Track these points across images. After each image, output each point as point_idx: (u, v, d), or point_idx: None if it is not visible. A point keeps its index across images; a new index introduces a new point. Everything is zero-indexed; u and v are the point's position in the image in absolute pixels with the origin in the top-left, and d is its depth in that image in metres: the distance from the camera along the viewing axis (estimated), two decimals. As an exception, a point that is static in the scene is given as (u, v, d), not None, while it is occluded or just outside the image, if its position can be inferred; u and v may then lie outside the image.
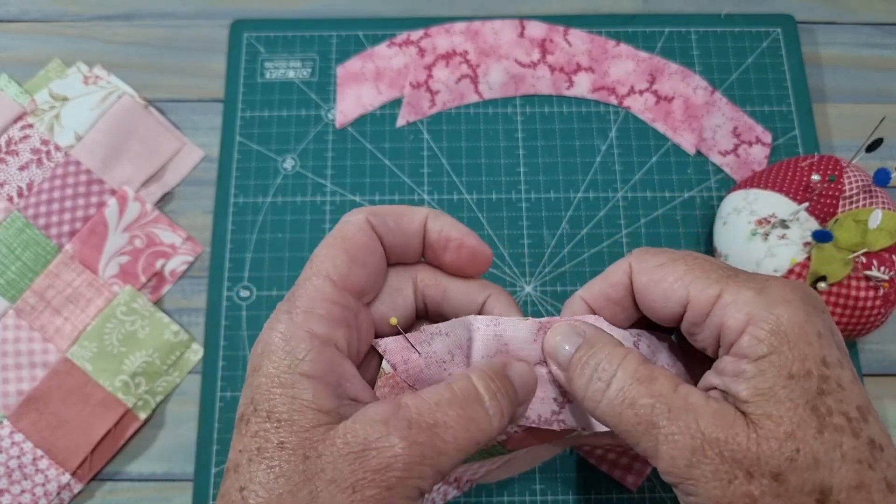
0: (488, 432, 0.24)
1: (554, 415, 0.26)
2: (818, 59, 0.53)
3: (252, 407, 0.24)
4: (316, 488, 0.22)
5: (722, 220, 0.44)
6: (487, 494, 0.42)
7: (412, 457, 0.22)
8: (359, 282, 0.26)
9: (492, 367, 0.26)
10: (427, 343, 0.27)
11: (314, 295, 0.25)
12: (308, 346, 0.24)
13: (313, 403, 0.24)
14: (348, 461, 0.22)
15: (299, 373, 0.24)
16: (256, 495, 0.23)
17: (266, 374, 0.24)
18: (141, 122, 0.49)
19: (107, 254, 0.46)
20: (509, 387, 0.25)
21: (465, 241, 0.28)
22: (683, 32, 0.53)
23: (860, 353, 0.45)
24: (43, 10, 0.53)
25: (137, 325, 0.45)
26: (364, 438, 0.23)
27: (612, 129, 0.50)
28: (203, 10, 0.53)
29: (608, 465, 0.42)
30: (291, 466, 0.23)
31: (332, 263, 0.26)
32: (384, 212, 0.27)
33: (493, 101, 0.51)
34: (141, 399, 0.44)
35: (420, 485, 0.23)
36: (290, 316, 0.25)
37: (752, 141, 0.50)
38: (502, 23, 0.52)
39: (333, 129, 0.50)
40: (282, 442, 0.23)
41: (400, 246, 0.28)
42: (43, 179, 0.47)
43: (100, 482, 0.43)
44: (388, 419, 0.23)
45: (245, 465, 0.23)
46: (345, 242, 0.26)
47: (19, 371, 0.44)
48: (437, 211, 0.28)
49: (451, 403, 0.24)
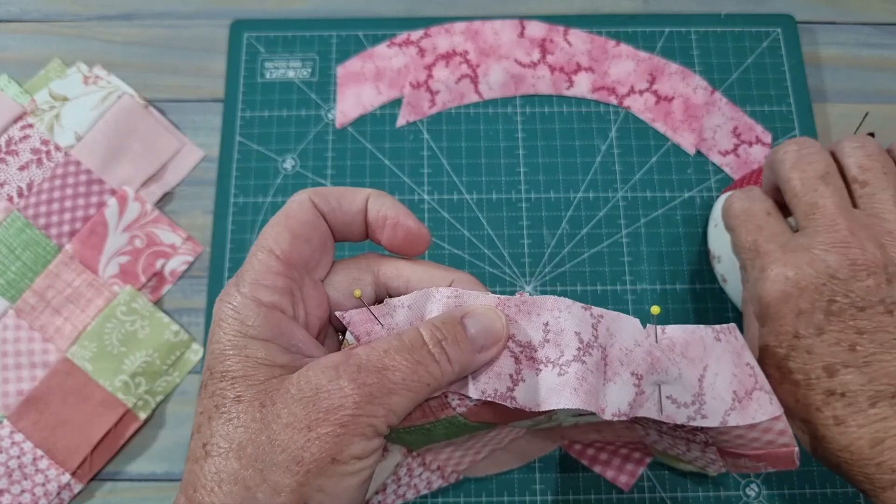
0: (437, 377, 0.25)
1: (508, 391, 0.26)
2: (818, 59, 0.53)
3: (209, 372, 0.26)
4: (273, 432, 0.24)
5: (713, 221, 0.44)
6: (488, 494, 0.42)
7: (362, 396, 0.24)
8: (302, 256, 0.28)
9: (445, 315, 0.27)
10: (390, 315, 0.28)
11: (259, 268, 0.27)
12: (256, 313, 0.26)
13: (266, 360, 0.25)
14: (302, 404, 0.24)
15: (249, 336, 0.25)
16: (218, 447, 0.24)
17: (218, 341, 0.26)
18: (141, 122, 0.49)
19: (107, 254, 0.46)
20: (459, 334, 0.26)
21: (401, 220, 0.29)
22: (683, 32, 0.53)
23: (860, 353, 0.45)
24: (43, 10, 0.53)
25: (137, 325, 0.45)
26: (316, 384, 0.24)
27: (612, 129, 0.50)
28: (203, 9, 0.53)
29: (601, 465, 0.42)
30: (249, 416, 0.24)
31: (276, 239, 0.27)
32: (327, 191, 0.29)
33: (493, 101, 0.51)
34: (141, 399, 0.44)
35: (373, 422, 0.24)
36: (238, 288, 0.26)
37: (753, 141, 0.50)
38: (502, 23, 0.52)
39: (333, 129, 0.50)
40: (238, 395, 0.24)
41: (343, 224, 0.29)
42: (43, 179, 0.47)
43: (100, 482, 0.43)
44: (339, 365, 0.24)
45: (206, 423, 0.25)
46: (287, 220, 0.28)
47: (19, 371, 0.44)
48: (379, 192, 0.30)
49: (398, 350, 0.25)
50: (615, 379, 0.27)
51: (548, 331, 0.27)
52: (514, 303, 0.27)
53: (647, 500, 0.42)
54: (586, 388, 0.26)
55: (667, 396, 0.27)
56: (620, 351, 0.27)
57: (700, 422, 0.27)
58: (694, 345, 0.28)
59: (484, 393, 0.26)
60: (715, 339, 0.28)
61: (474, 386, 0.26)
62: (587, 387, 0.26)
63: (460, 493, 0.42)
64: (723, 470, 0.35)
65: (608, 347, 0.27)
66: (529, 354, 0.27)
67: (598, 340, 0.27)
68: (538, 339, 0.27)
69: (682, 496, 0.42)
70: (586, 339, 0.26)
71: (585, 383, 0.26)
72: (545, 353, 0.27)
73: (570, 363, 0.26)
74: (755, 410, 0.27)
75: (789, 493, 0.42)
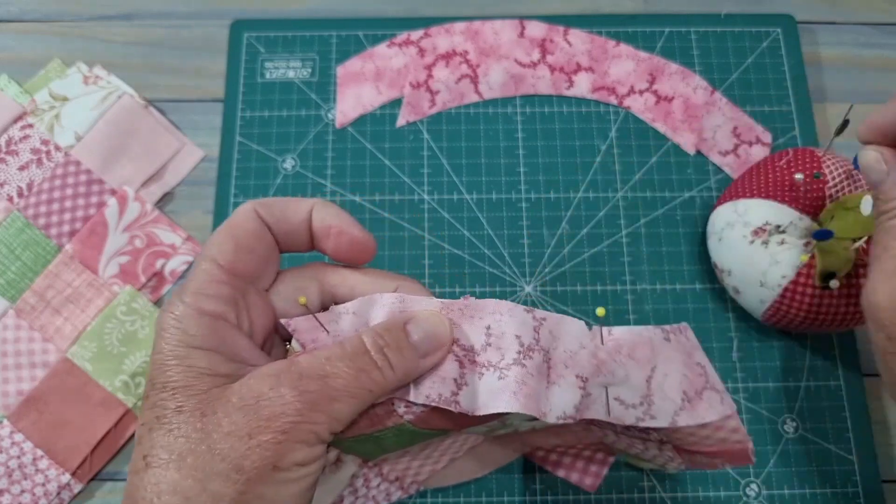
0: (380, 383, 0.25)
1: (452, 395, 0.26)
2: (818, 59, 0.53)
3: (150, 384, 0.25)
4: (213, 441, 0.23)
5: (716, 236, 0.44)
6: (488, 494, 0.42)
7: (304, 404, 0.24)
8: (246, 266, 0.28)
9: (389, 322, 0.27)
10: (335, 322, 0.28)
11: (203, 278, 0.27)
12: (198, 322, 0.26)
13: (208, 370, 0.25)
14: (243, 413, 0.24)
15: (192, 346, 0.25)
16: (158, 458, 0.24)
17: (160, 351, 0.26)
18: (141, 122, 0.49)
19: (107, 254, 0.46)
20: (402, 340, 0.26)
21: (345, 228, 0.29)
22: (683, 32, 0.53)
23: (860, 354, 0.45)
24: (43, 10, 0.53)
25: (137, 325, 0.45)
26: (258, 391, 0.24)
27: (612, 129, 0.50)
28: (203, 9, 0.53)
29: (564, 469, 0.41)
30: (190, 426, 0.24)
31: (219, 249, 0.27)
32: (271, 202, 0.29)
33: (493, 101, 0.51)
34: (141, 399, 0.44)
35: (315, 429, 0.24)
36: (181, 297, 0.26)
37: (752, 141, 0.50)
38: (502, 23, 0.52)
39: (333, 129, 0.50)
40: (179, 406, 0.24)
41: (287, 234, 0.29)
42: (43, 179, 0.47)
43: (100, 482, 0.43)
44: (280, 373, 0.24)
45: (146, 434, 0.24)
46: (232, 230, 0.28)
47: (19, 371, 0.44)
48: (324, 201, 0.29)
49: (340, 357, 0.25)
50: (559, 382, 0.26)
51: (489, 334, 0.27)
52: (458, 306, 0.27)
53: (646, 500, 0.42)
54: (526, 391, 0.25)
55: (614, 398, 0.27)
56: (565, 354, 0.27)
57: (649, 422, 0.27)
58: (641, 346, 0.27)
59: (428, 398, 0.26)
60: (664, 340, 0.28)
61: (417, 391, 0.26)
62: (527, 390, 0.25)
63: (460, 493, 0.42)
64: (682, 467, 0.35)
65: (551, 350, 0.27)
66: (472, 358, 0.27)
67: (539, 343, 0.26)
68: (480, 343, 0.27)
69: (681, 496, 0.42)
70: (527, 342, 0.26)
71: (525, 387, 0.25)
72: (487, 357, 0.27)
73: (510, 366, 0.26)
74: (705, 410, 0.27)
75: (789, 493, 0.42)
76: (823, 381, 0.45)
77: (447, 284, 0.46)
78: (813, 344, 0.45)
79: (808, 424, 0.44)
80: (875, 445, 0.43)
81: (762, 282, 0.41)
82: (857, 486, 0.42)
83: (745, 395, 0.44)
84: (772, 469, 0.43)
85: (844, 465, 0.43)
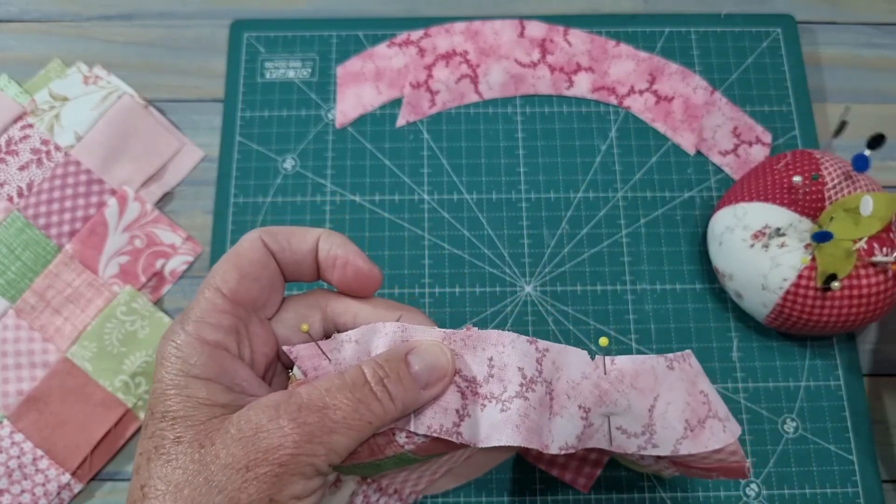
0: (379, 415, 0.25)
1: (454, 426, 0.26)
2: (818, 59, 0.53)
3: (150, 412, 0.25)
4: (211, 473, 0.23)
5: (717, 240, 0.44)
6: (488, 494, 0.42)
7: (302, 436, 0.24)
8: (249, 295, 0.28)
9: (389, 352, 0.26)
10: (337, 350, 0.28)
11: (205, 306, 0.27)
12: (199, 351, 0.26)
13: (208, 400, 0.25)
14: (241, 444, 0.23)
15: (192, 375, 0.25)
16: (155, 489, 0.23)
17: (160, 380, 0.25)
18: (141, 122, 0.49)
19: (107, 254, 0.46)
20: (403, 371, 0.26)
21: (351, 259, 0.29)
22: (683, 32, 0.53)
23: (860, 354, 0.45)
24: (43, 10, 0.53)
25: (137, 325, 0.45)
26: (256, 423, 0.24)
27: (612, 129, 0.50)
28: (203, 9, 0.53)
29: (558, 468, 0.41)
30: (188, 457, 0.24)
31: (223, 278, 0.27)
32: (277, 231, 0.29)
33: (493, 101, 0.51)
34: (141, 399, 0.44)
35: (313, 462, 0.24)
36: (183, 326, 0.26)
37: (752, 141, 0.50)
38: (502, 23, 0.52)
39: (333, 129, 0.50)
40: (178, 437, 0.24)
41: (293, 264, 0.29)
42: (43, 179, 0.47)
43: (100, 482, 0.43)
44: (280, 404, 0.24)
45: (145, 464, 0.24)
46: (237, 258, 0.28)
47: (19, 371, 0.44)
48: (331, 231, 0.29)
49: (340, 388, 0.25)
50: (562, 413, 0.26)
51: (492, 366, 0.27)
52: (460, 337, 0.27)
53: (646, 500, 0.42)
54: (528, 424, 0.25)
55: (616, 427, 0.27)
56: (567, 384, 0.27)
57: (651, 451, 0.27)
58: (644, 375, 0.27)
59: (429, 428, 0.26)
60: (667, 368, 0.28)
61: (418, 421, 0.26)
62: (529, 423, 0.25)
63: (460, 493, 0.42)
64: (676, 474, 0.35)
65: (554, 381, 0.27)
66: (474, 389, 0.27)
67: (542, 375, 0.26)
68: (482, 375, 0.27)
69: (681, 496, 0.42)
70: (529, 374, 0.26)
71: (528, 420, 0.25)
72: (489, 389, 0.26)
73: (512, 399, 0.26)
74: (707, 439, 0.27)
75: (789, 494, 0.42)
76: (823, 381, 0.45)
77: (447, 284, 0.46)
78: (813, 344, 0.45)
79: (808, 424, 0.44)
80: (875, 445, 0.43)
81: (763, 285, 0.41)
82: (857, 486, 0.42)
83: (745, 395, 0.44)
84: (772, 469, 0.43)
85: (844, 465, 0.43)
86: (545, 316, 0.46)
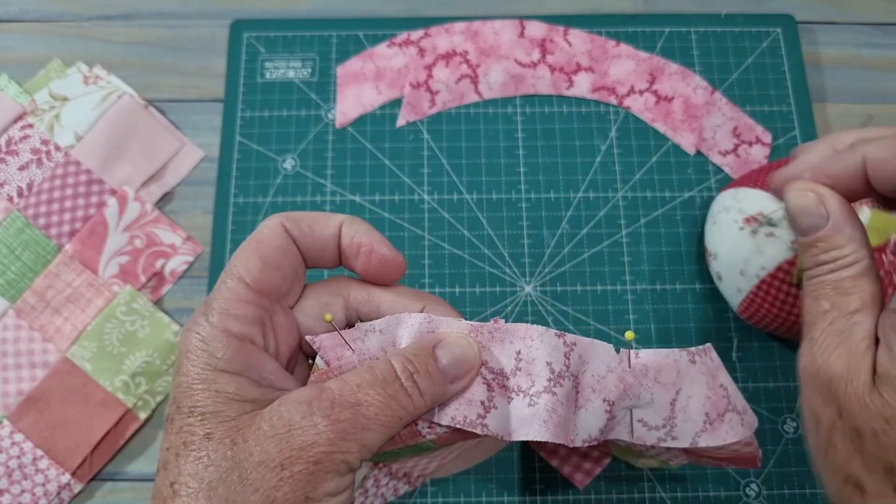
0: (409, 410, 0.25)
1: (479, 418, 0.26)
2: (818, 59, 0.53)
3: (175, 406, 0.25)
4: (245, 471, 0.23)
5: (712, 219, 0.44)
6: (488, 494, 0.42)
7: (336, 433, 0.23)
8: (273, 283, 0.27)
9: (417, 346, 0.26)
10: (361, 340, 0.27)
11: (228, 296, 0.26)
12: (226, 344, 0.25)
13: (237, 395, 0.25)
14: (274, 442, 0.23)
15: (219, 370, 0.25)
16: (187, 486, 0.23)
17: (186, 374, 0.25)
18: (141, 122, 0.49)
19: (107, 254, 0.46)
20: (431, 365, 0.25)
21: (376, 247, 0.28)
22: (683, 32, 0.53)
23: (860, 353, 0.45)
24: (43, 10, 0.53)
25: (137, 325, 0.45)
26: (289, 420, 0.23)
27: (612, 129, 0.50)
28: (203, 9, 0.53)
29: (559, 459, 0.41)
30: (219, 454, 0.23)
31: (246, 267, 0.27)
32: (299, 217, 0.28)
33: (493, 101, 0.51)
34: (141, 399, 0.44)
35: (347, 459, 0.24)
36: (207, 317, 0.26)
37: (752, 141, 0.50)
38: (502, 23, 0.52)
39: (333, 129, 0.50)
40: (208, 433, 0.24)
41: (315, 250, 0.28)
42: (43, 179, 0.47)
43: (100, 482, 0.43)
44: (312, 401, 0.24)
45: (173, 460, 0.24)
46: (259, 246, 0.27)
47: (19, 371, 0.44)
48: (353, 217, 0.29)
49: (371, 384, 0.25)
50: (587, 406, 0.27)
51: (520, 359, 0.27)
52: (488, 329, 0.27)
53: (647, 499, 0.42)
54: (556, 420, 0.25)
55: (638, 420, 0.27)
56: (592, 378, 0.27)
57: (670, 443, 0.27)
58: (667, 369, 0.27)
59: (453, 420, 0.26)
60: (689, 362, 0.28)
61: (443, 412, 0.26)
62: (557, 419, 0.26)
63: (460, 492, 0.42)
64: (684, 463, 0.35)
65: (580, 375, 0.27)
66: (502, 382, 0.27)
67: (569, 370, 0.26)
68: (510, 368, 0.27)
69: (682, 496, 0.42)
70: (557, 368, 0.26)
71: (555, 415, 0.25)
72: (516, 382, 0.26)
73: (540, 394, 0.26)
74: (726, 432, 0.28)
75: (789, 493, 0.42)
76: (823, 381, 0.45)
77: (447, 284, 0.46)
78: (813, 344, 0.45)
79: (808, 424, 0.44)
80: (875, 445, 0.43)
81: (742, 270, 0.41)
82: (857, 486, 0.42)
83: (745, 396, 0.44)
84: (772, 469, 0.43)
85: (844, 465, 0.43)
86: (545, 316, 0.46)
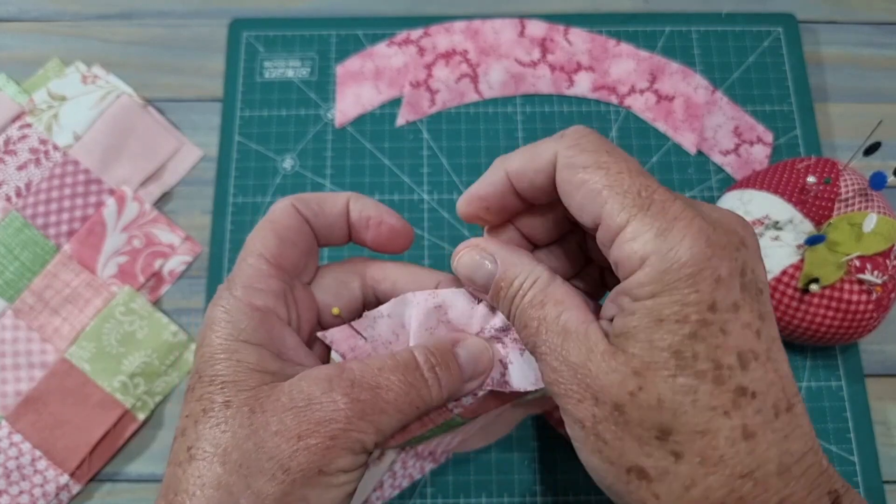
0: (427, 400, 0.26)
1: (502, 376, 0.27)
2: (819, 58, 0.52)
3: (197, 376, 0.25)
4: (261, 439, 0.23)
5: None
6: (488, 495, 0.42)
7: (354, 412, 0.24)
8: (290, 259, 0.28)
9: (437, 343, 0.27)
10: (371, 327, 0.28)
11: (251, 272, 0.27)
12: (249, 316, 0.26)
13: (258, 366, 0.25)
14: (293, 414, 0.24)
15: (242, 340, 0.25)
16: (203, 451, 0.23)
17: (209, 344, 0.25)
18: (139, 122, 0.49)
19: (105, 254, 0.46)
20: (451, 361, 0.26)
21: (385, 218, 0.29)
22: (684, 31, 0.52)
23: (861, 354, 0.45)
24: (42, 9, 0.53)
25: (136, 326, 0.45)
26: (309, 394, 0.24)
27: (612, 129, 0.50)
28: (202, 9, 0.53)
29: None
30: (238, 421, 0.24)
31: (264, 244, 0.27)
32: (308, 197, 0.29)
33: (493, 100, 0.51)
34: (140, 400, 0.44)
35: (361, 438, 0.24)
36: (231, 291, 0.26)
37: (754, 140, 0.50)
38: (502, 22, 0.52)
39: (333, 129, 0.50)
40: (228, 400, 0.24)
41: (326, 228, 0.29)
42: (41, 179, 0.47)
43: (98, 483, 0.43)
44: (333, 378, 0.24)
45: (192, 426, 0.24)
46: (273, 225, 0.28)
47: (17, 371, 0.44)
48: (359, 194, 0.30)
49: (392, 370, 0.25)
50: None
51: None
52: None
53: (647, 501, 0.42)
54: None
55: None
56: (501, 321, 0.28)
57: None
58: None
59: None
60: None
61: None
62: None
63: (460, 493, 0.42)
64: None
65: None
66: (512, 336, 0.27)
67: None
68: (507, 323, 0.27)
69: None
70: None
71: None
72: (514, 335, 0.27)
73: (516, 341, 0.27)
74: None
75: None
76: (824, 382, 0.44)
77: (447, 284, 0.46)
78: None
79: (810, 425, 0.43)
80: (876, 446, 0.43)
81: None
82: (859, 487, 0.42)
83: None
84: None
85: (846, 466, 0.43)
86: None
